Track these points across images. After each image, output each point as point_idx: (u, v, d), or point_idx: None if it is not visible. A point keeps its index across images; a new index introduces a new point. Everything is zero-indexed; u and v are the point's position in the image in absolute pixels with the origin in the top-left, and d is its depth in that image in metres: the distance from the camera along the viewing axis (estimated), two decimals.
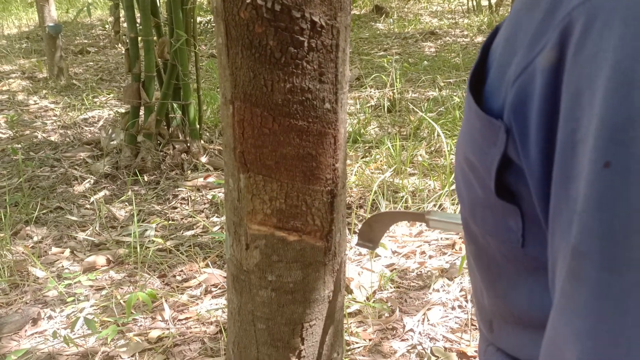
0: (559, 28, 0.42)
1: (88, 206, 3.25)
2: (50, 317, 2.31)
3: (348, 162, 3.48)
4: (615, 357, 0.40)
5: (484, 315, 0.69)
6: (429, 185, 3.13)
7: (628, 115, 0.36)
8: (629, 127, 0.36)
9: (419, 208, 2.91)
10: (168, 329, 2.18)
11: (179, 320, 2.24)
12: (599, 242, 0.39)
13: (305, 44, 0.82)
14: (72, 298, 2.36)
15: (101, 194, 3.37)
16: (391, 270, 2.45)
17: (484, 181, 0.55)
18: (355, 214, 2.88)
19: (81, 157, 3.85)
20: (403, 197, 2.96)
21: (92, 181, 3.51)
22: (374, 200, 2.95)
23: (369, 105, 4.61)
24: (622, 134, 0.36)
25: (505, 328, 0.65)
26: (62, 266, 2.66)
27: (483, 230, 0.59)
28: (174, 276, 2.54)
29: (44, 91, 5.49)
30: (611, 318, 0.39)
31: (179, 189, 3.36)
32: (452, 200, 2.92)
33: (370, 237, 1.01)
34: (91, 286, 2.47)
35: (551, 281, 0.47)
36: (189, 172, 3.58)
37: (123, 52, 5.90)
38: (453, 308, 2.20)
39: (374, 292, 2.30)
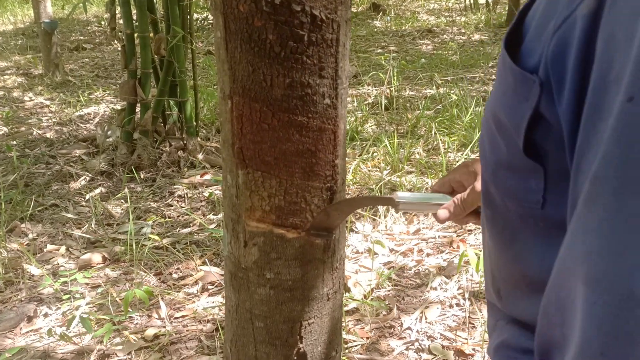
0: None
1: (84, 203, 3.23)
2: (45, 315, 2.29)
3: (346, 159, 3.46)
4: (622, 274, 0.41)
5: (494, 283, 0.71)
6: (427, 182, 3.12)
7: None
8: None
9: None
10: (164, 327, 2.16)
11: (176, 318, 2.23)
12: (616, 168, 0.42)
13: (305, 38, 0.81)
14: (67, 296, 2.35)
15: (97, 191, 3.35)
16: (389, 268, 2.44)
17: (512, 139, 0.57)
18: (354, 212, 2.87)
19: (77, 154, 3.83)
20: None
21: (87, 178, 3.49)
22: None
23: (366, 103, 4.60)
24: None
25: (514, 293, 0.67)
26: (58, 263, 2.64)
27: (503, 193, 0.62)
28: (171, 274, 2.53)
29: (40, 88, 5.46)
30: (622, 237, 0.41)
31: (176, 186, 3.35)
32: None
33: (326, 225, 0.92)
34: (87, 284, 2.45)
35: (569, 223, 0.49)
36: (186, 169, 3.56)
37: (119, 48, 5.87)
38: (451, 306, 2.19)
39: (372, 290, 2.29)
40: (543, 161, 0.56)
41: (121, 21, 3.69)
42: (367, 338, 2.04)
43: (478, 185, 0.84)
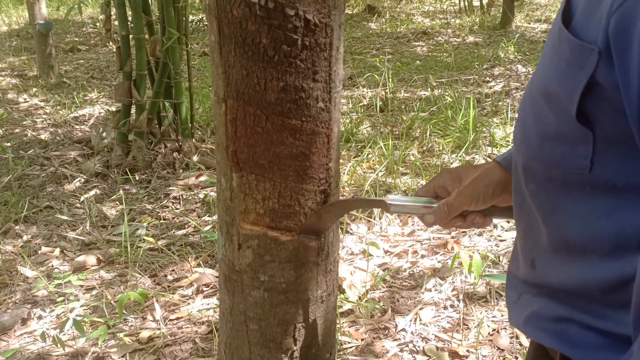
0: None
1: (78, 205, 3.22)
2: (40, 317, 2.29)
3: (340, 161, 3.47)
4: None
5: (528, 254, 0.79)
6: (421, 184, 3.13)
7: None
8: None
9: None
10: (159, 329, 2.16)
11: (170, 320, 2.23)
12: None
13: (299, 42, 0.81)
14: (62, 298, 2.34)
15: (92, 192, 3.35)
16: (383, 270, 2.45)
17: (563, 109, 0.65)
18: (347, 213, 2.88)
19: (71, 156, 3.82)
20: None
21: (82, 180, 3.49)
22: None
23: (361, 104, 4.61)
24: None
25: (553, 261, 0.74)
26: (52, 266, 2.64)
27: (548, 164, 0.70)
28: (165, 276, 2.52)
29: (34, 89, 5.45)
30: None
31: (171, 188, 3.34)
32: None
33: (317, 228, 0.92)
34: (81, 286, 2.45)
35: None
36: (181, 171, 3.56)
37: (114, 50, 5.86)
38: (445, 307, 2.20)
39: (366, 292, 2.30)
40: (593, 127, 0.63)
41: (116, 23, 3.69)
42: (362, 339, 2.04)
43: (464, 189, 0.89)
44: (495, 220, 2.30)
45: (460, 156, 3.37)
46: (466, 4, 8.42)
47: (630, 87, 0.57)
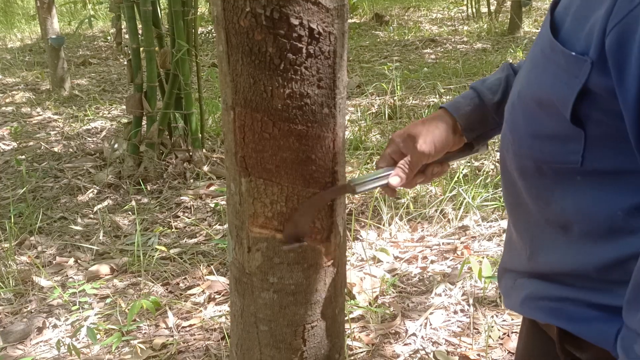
0: None
1: (91, 216, 3.27)
2: (55, 326, 2.32)
3: (350, 169, 3.50)
4: None
5: (525, 249, 0.84)
6: (430, 190, 3.15)
7: None
8: None
9: (421, 214, 2.92)
10: (172, 336, 2.19)
11: (183, 327, 2.25)
12: None
13: (304, 51, 0.84)
14: (76, 307, 2.38)
15: (104, 203, 3.40)
16: (393, 276, 2.47)
17: (556, 112, 0.70)
18: (357, 219, 2.90)
19: (84, 168, 3.88)
20: (404, 203, 2.98)
21: (95, 191, 3.54)
22: (375, 206, 2.97)
23: (369, 112, 4.63)
24: None
25: (548, 249, 0.79)
26: (67, 275, 2.68)
27: (540, 160, 0.76)
28: (178, 284, 2.56)
29: (47, 103, 5.53)
30: None
31: (182, 197, 3.38)
32: (453, 205, 2.93)
33: (297, 234, 0.93)
34: (95, 295, 2.49)
35: None
36: (192, 181, 3.60)
37: (125, 63, 5.94)
38: (455, 312, 2.21)
39: (376, 297, 2.31)
40: (585, 127, 0.69)
41: (127, 36, 3.75)
42: (372, 344, 2.06)
43: (420, 145, 0.95)
44: (452, 164, 2.29)
45: (468, 161, 3.39)
46: (474, 10, 8.44)
47: (628, 99, 0.62)
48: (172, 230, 3.03)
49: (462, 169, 3.30)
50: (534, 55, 0.78)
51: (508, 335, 2.05)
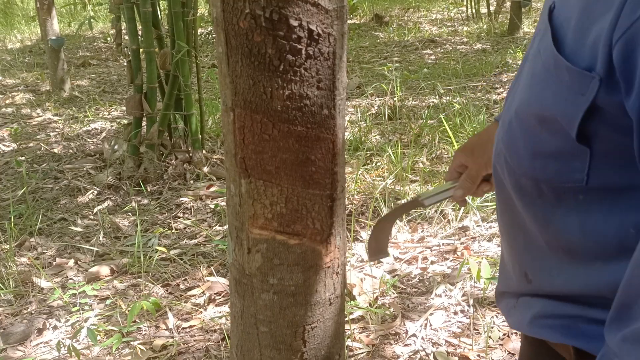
0: None
1: (92, 217, 3.27)
2: (55, 327, 2.32)
3: (350, 169, 3.50)
4: None
5: (519, 269, 0.81)
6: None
7: None
8: None
9: (421, 214, 2.93)
10: (172, 337, 2.19)
11: (183, 328, 2.25)
12: None
13: (303, 52, 0.84)
14: (76, 308, 2.38)
15: (104, 204, 3.40)
16: (393, 276, 2.47)
17: (560, 130, 0.67)
18: (357, 220, 2.90)
19: (84, 169, 3.88)
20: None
21: (95, 192, 3.54)
22: (375, 207, 2.97)
23: (369, 113, 4.64)
24: None
25: (552, 270, 0.75)
26: (67, 276, 2.68)
27: (541, 180, 0.72)
28: (178, 285, 2.56)
29: (47, 104, 5.54)
30: None
31: (182, 198, 3.38)
32: (453, 206, 2.93)
33: (379, 248, 1.06)
34: (95, 296, 2.49)
35: None
36: (192, 182, 3.60)
37: (125, 64, 5.95)
38: (455, 313, 2.21)
39: (376, 298, 2.31)
40: (591, 144, 0.66)
41: (127, 37, 3.75)
42: (372, 345, 2.06)
43: (475, 157, 0.99)
44: None
45: None
46: (473, 11, 8.44)
47: (635, 112, 0.59)
48: (172, 231, 3.03)
49: None
50: (534, 70, 0.74)
51: (508, 336, 2.05)
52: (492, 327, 2.08)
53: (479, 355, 1.98)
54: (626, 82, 0.59)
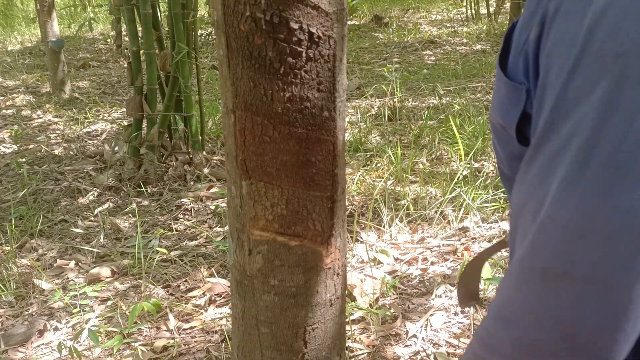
0: (541, 12, 0.62)
1: (92, 218, 3.27)
2: (56, 329, 2.33)
3: (350, 170, 3.50)
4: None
5: None
6: (431, 192, 3.15)
7: (576, 62, 0.57)
8: (575, 69, 0.56)
9: (421, 215, 2.93)
10: (173, 338, 2.19)
11: (184, 329, 2.26)
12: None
13: (304, 54, 0.85)
14: (77, 309, 2.38)
15: (105, 206, 3.40)
16: (393, 277, 2.47)
17: (510, 135, 0.71)
18: (357, 221, 2.90)
19: (85, 170, 3.88)
20: (404, 205, 2.98)
21: (95, 193, 3.54)
22: (375, 208, 2.97)
23: (369, 114, 4.64)
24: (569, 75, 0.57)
25: None
26: (67, 278, 2.68)
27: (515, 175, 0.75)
28: (178, 286, 2.56)
29: (48, 105, 5.54)
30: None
31: (182, 200, 3.39)
32: (453, 207, 2.94)
33: (470, 294, 1.00)
34: (96, 297, 2.49)
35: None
36: (192, 183, 3.60)
37: (125, 65, 5.95)
38: (456, 313, 2.21)
39: (377, 299, 2.31)
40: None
41: (127, 38, 3.76)
42: (373, 346, 2.06)
43: None
44: None
45: (469, 163, 3.39)
46: (473, 12, 8.45)
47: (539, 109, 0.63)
48: (173, 232, 3.04)
49: (462, 171, 3.31)
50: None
51: None
52: None
53: None
54: (533, 88, 0.64)
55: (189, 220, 3.16)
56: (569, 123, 0.56)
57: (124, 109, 4.95)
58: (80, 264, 2.81)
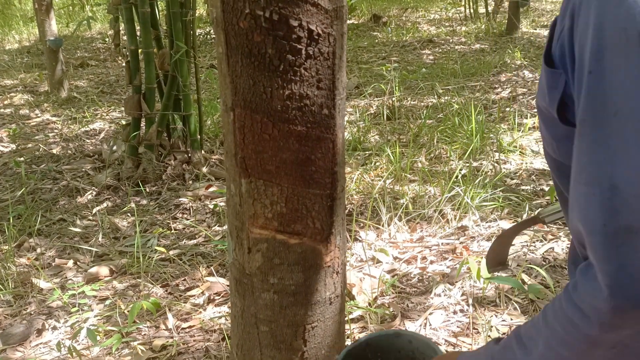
0: (571, 6, 0.72)
1: (90, 217, 3.27)
2: (54, 328, 2.32)
3: (348, 169, 3.50)
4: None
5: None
6: (429, 191, 3.15)
7: (599, 46, 0.66)
8: (600, 53, 0.66)
9: (420, 214, 2.93)
10: (172, 337, 2.19)
11: (183, 328, 2.25)
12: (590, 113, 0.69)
13: (303, 52, 0.85)
14: (76, 308, 2.38)
15: (103, 205, 3.39)
16: (393, 276, 2.47)
17: (553, 116, 0.79)
18: (356, 220, 2.90)
19: (83, 169, 3.87)
20: (403, 203, 2.98)
21: (94, 193, 3.53)
22: (374, 207, 2.97)
23: (368, 113, 4.64)
24: (598, 55, 0.66)
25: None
26: (66, 277, 2.68)
27: (562, 157, 0.83)
28: (177, 285, 2.56)
29: (46, 105, 5.53)
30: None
31: (181, 199, 3.38)
32: (452, 205, 2.94)
33: (499, 260, 1.09)
34: (95, 296, 2.49)
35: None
36: (191, 182, 3.60)
37: (123, 64, 5.94)
38: (454, 312, 2.21)
39: (376, 298, 2.31)
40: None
41: (125, 37, 3.75)
42: None
43: None
44: None
45: (467, 162, 3.39)
46: (472, 11, 8.45)
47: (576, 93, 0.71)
48: (171, 231, 3.03)
49: (461, 170, 3.31)
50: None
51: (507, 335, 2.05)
52: (492, 327, 2.08)
53: None
54: (570, 72, 0.73)
55: (188, 220, 3.16)
56: (610, 96, 0.64)
57: (123, 108, 4.94)
58: (78, 263, 2.80)
